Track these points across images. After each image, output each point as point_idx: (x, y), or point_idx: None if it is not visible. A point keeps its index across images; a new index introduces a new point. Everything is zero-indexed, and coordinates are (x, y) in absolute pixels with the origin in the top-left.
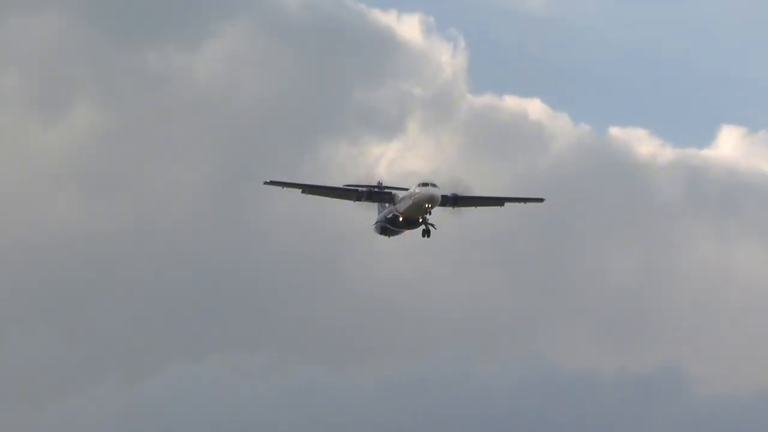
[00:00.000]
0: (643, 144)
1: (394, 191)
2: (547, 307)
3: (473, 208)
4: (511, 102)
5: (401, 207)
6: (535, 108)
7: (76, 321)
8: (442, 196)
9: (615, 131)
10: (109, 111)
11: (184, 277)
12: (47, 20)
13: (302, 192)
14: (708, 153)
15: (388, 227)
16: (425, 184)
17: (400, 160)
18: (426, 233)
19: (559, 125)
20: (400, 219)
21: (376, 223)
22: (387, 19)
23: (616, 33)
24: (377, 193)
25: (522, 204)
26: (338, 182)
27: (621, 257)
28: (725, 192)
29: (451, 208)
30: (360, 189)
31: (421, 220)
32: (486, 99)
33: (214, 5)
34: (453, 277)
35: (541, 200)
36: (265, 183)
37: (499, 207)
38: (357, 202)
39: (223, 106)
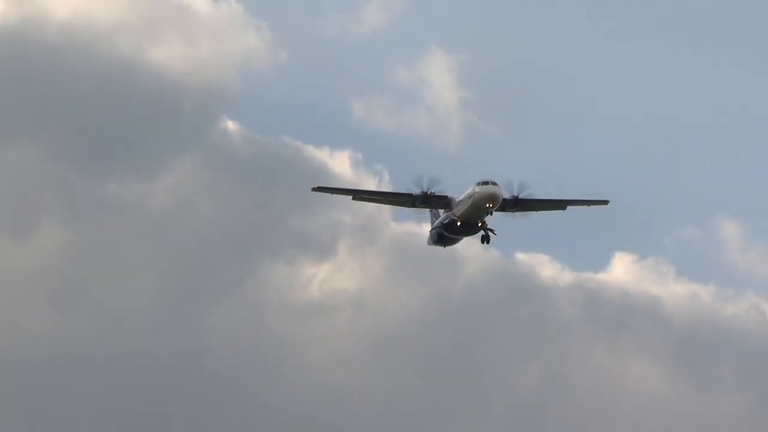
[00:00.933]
0: (546, 268)
1: (450, 195)
2: (458, 408)
3: (534, 212)
4: (428, 229)
5: (459, 210)
6: None
7: (41, 418)
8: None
9: (521, 256)
10: (73, 233)
11: (140, 380)
12: (20, 153)
13: (353, 198)
14: (603, 277)
15: (445, 234)
16: (485, 183)
17: (331, 280)
18: (485, 239)
19: (471, 250)
20: (458, 224)
21: (431, 230)
22: (321, 154)
23: (519, 171)
24: (432, 197)
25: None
26: (276, 300)
27: (525, 368)
28: (618, 312)
29: (511, 213)
30: (414, 193)
31: (480, 224)
32: (407, 226)
33: (167, 141)
34: (361, 377)
35: (605, 202)
36: (314, 189)
37: (561, 211)
38: (411, 208)
39: (176, 230)
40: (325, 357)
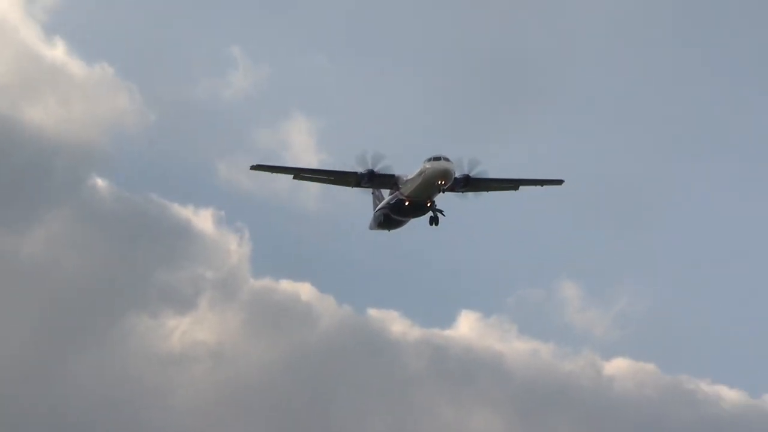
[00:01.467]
0: (396, 324)
1: (397, 174)
2: None
3: (485, 192)
4: (286, 285)
5: (407, 188)
6: (306, 291)
7: None
8: None
9: (373, 312)
10: None
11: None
12: None
13: (294, 178)
14: (449, 333)
15: (391, 216)
16: (437, 158)
17: (192, 332)
18: (434, 221)
19: (325, 306)
20: (406, 203)
21: (375, 212)
22: (185, 212)
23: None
24: (379, 176)
25: None
26: (139, 350)
27: (374, 421)
28: (463, 367)
29: (461, 193)
30: (360, 171)
31: (429, 204)
32: (265, 282)
33: (39, 197)
34: (218, 426)
35: (560, 182)
36: (252, 168)
37: (514, 192)
38: (356, 188)
39: (45, 282)
40: (185, 406)
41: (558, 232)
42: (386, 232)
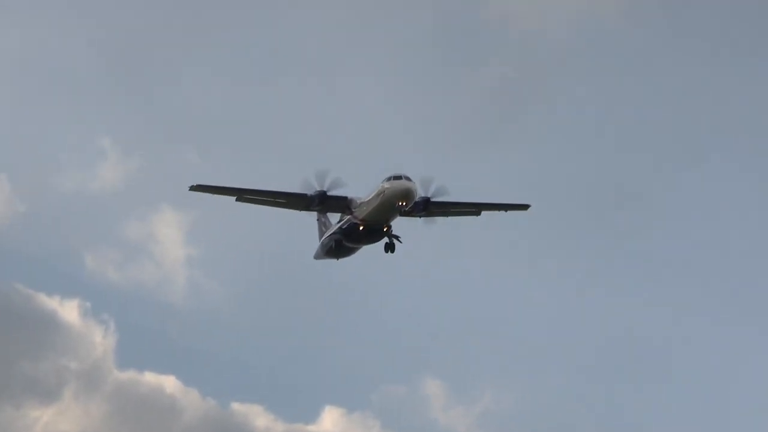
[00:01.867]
0: (260, 418)
1: (350, 196)
2: None
3: (445, 217)
4: (150, 377)
5: (363, 212)
6: (170, 383)
7: None
8: None
9: (236, 406)
10: None
11: None
12: None
13: (237, 200)
14: (312, 428)
15: (343, 242)
16: (398, 177)
17: (55, 423)
18: (389, 247)
19: (189, 399)
20: (361, 228)
21: (324, 239)
22: (51, 302)
23: (241, 321)
24: (331, 198)
25: None
26: None
27: None
28: None
29: (419, 218)
30: (310, 193)
31: (385, 229)
32: (129, 374)
33: None
34: None
35: (525, 207)
36: (191, 188)
37: (475, 217)
38: (305, 211)
39: None
40: None
41: (421, 330)
42: (334, 260)
